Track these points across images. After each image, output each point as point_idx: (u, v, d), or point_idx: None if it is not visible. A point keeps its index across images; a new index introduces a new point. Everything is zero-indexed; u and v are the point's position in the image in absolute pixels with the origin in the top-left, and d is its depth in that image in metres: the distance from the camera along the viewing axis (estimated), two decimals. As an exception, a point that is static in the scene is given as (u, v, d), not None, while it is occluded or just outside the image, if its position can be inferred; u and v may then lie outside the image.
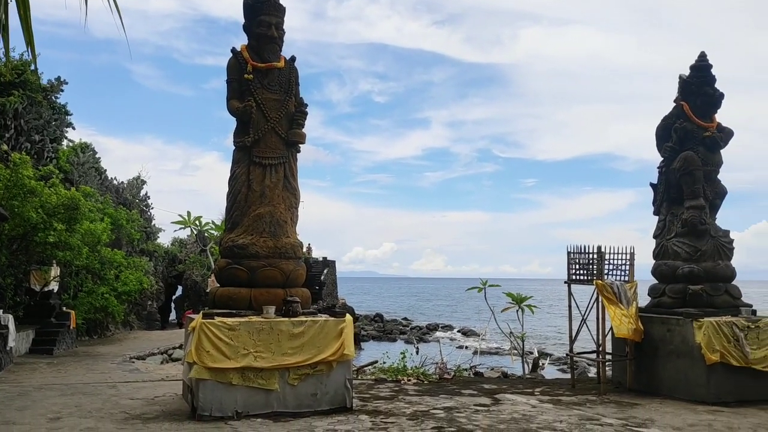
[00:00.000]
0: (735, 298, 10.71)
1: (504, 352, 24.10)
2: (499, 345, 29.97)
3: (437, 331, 49.56)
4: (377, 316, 59.04)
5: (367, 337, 44.29)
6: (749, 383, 9.78)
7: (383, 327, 51.36)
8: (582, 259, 11.18)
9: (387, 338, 44.48)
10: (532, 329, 43.11)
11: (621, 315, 10.32)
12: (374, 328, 50.50)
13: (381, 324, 53.70)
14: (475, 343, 26.10)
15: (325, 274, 48.01)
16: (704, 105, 10.99)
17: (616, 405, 9.53)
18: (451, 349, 27.82)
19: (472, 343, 27.72)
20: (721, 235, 10.92)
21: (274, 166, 9.38)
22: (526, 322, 15.16)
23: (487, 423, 8.08)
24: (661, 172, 11.41)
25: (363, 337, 42.16)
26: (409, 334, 44.88)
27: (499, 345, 30.13)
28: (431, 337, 43.00)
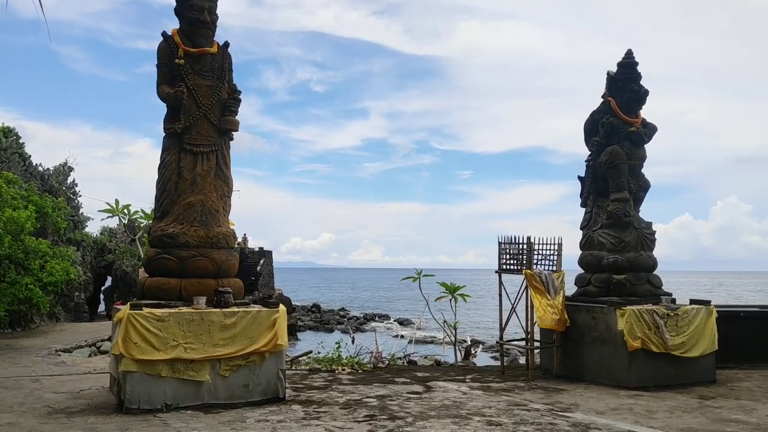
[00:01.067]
0: (656, 287, 11.20)
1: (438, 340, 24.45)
2: (434, 334, 30.40)
3: (374, 321, 49.86)
4: (314, 307, 58.90)
5: (304, 327, 44.17)
6: (668, 368, 10.26)
7: (320, 317, 51.31)
8: (512, 249, 11.45)
9: (324, 329, 44.47)
10: (467, 318, 43.95)
11: (546, 305, 10.64)
12: (311, 318, 50.39)
13: (318, 314, 53.63)
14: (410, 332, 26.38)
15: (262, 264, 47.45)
16: (630, 101, 11.40)
17: (544, 390, 9.83)
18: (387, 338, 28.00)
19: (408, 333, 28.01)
20: (644, 227, 11.38)
21: (206, 153, 9.20)
22: (462, 311, 15.45)
23: (418, 410, 8.21)
24: (588, 165, 11.79)
25: (299, 328, 42.02)
26: (346, 324, 44.99)
27: (433, 334, 30.55)
28: (368, 327, 43.25)
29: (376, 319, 52.72)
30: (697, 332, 10.50)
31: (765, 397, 9.42)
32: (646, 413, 8.30)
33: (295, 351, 19.20)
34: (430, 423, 7.50)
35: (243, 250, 48.61)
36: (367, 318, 52.77)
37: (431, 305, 15.09)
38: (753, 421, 7.92)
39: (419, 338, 26.68)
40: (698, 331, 10.52)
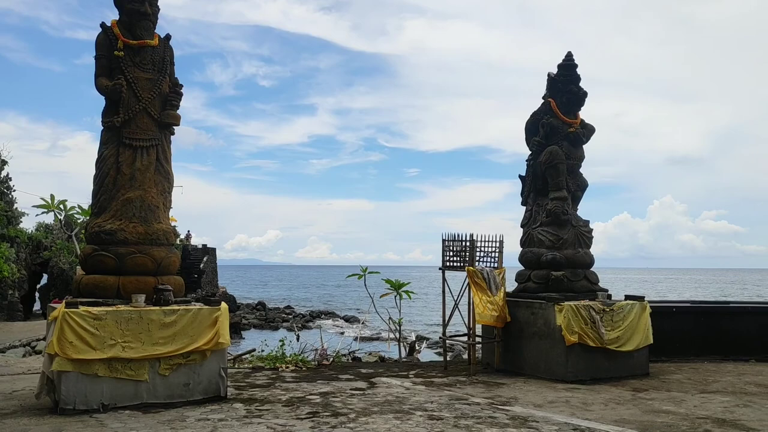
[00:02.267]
0: (593, 283, 11.55)
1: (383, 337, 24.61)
2: (379, 331, 30.55)
3: (320, 319, 49.74)
4: (259, 305, 58.35)
5: (249, 325, 43.69)
6: (603, 362, 10.60)
7: (265, 315, 50.85)
8: (456, 247, 11.63)
9: (269, 326, 44.11)
10: (413, 315, 44.34)
11: (486, 302, 10.85)
12: (256, 316, 49.89)
13: (263, 313, 53.12)
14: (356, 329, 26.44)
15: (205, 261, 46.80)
16: (569, 102, 11.71)
17: (484, 385, 10.02)
18: (333, 335, 28.02)
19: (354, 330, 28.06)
20: (581, 225, 11.72)
21: (146, 148, 9.01)
22: (408, 308, 15.57)
23: (361, 406, 8.25)
24: (529, 165, 12.06)
25: (244, 326, 41.57)
26: (292, 322, 44.73)
27: (379, 331, 30.71)
28: (314, 325, 43.08)
29: (322, 316, 52.63)
30: (632, 327, 10.88)
31: (694, 389, 9.84)
32: (582, 406, 8.56)
33: (239, 349, 19.01)
34: (372, 419, 7.56)
35: (186, 247, 47.87)
36: (313, 316, 52.60)
37: (377, 302, 15.17)
38: (682, 411, 8.26)
39: (364, 335, 26.76)
40: (632, 325, 10.89)
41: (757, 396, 9.31)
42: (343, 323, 46.13)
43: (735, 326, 13.27)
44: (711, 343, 13.01)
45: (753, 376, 11.08)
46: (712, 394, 9.42)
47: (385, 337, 19.68)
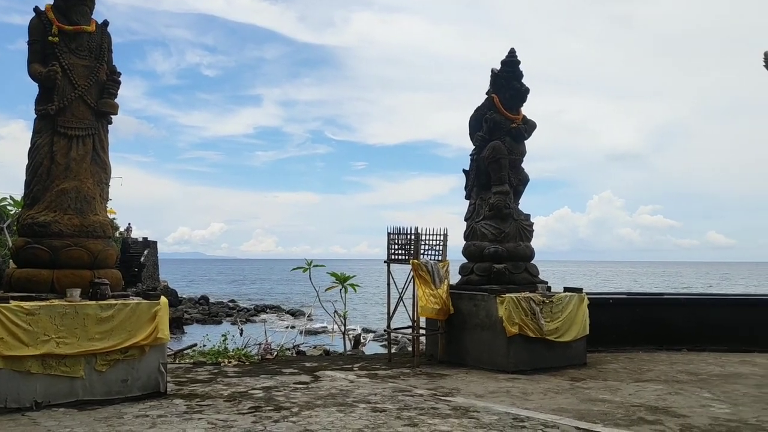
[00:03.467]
0: (533, 275, 11.80)
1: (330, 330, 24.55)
2: (325, 324, 30.48)
3: (265, 313, 49.30)
4: (202, 299, 57.45)
5: (191, 320, 42.95)
6: (543, 353, 10.85)
7: (208, 310, 50.07)
8: (401, 240, 11.70)
9: (212, 321, 43.47)
10: (359, 308, 44.42)
11: (429, 295, 10.96)
12: (198, 311, 49.10)
13: (206, 307, 52.31)
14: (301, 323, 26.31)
15: (146, 255, 45.73)
16: (512, 98, 11.90)
17: (428, 376, 10.13)
18: (278, 329, 27.83)
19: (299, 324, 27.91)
20: (523, 219, 11.95)
21: (82, 137, 8.72)
22: (354, 302, 15.56)
23: (305, 400, 8.22)
24: (472, 159, 12.22)
25: (186, 321, 40.85)
26: (236, 316, 44.16)
27: (325, 324, 30.63)
28: (258, 319, 42.67)
29: (267, 310, 52.16)
30: (570, 318, 11.17)
31: (629, 378, 10.18)
32: (522, 395, 8.75)
33: (181, 344, 18.64)
34: (315, 412, 7.54)
35: (126, 240, 46.67)
36: (257, 310, 52.09)
37: (322, 296, 15.12)
38: (617, 400, 8.54)
39: (310, 329, 26.64)
40: (571, 317, 11.18)
41: (687, 384, 9.71)
42: (289, 317, 45.86)
43: (668, 317, 13.77)
44: (646, 333, 13.48)
45: (684, 365, 11.54)
46: (646, 383, 9.77)
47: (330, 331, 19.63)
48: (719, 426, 7.17)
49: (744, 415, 7.66)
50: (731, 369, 11.05)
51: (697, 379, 10.08)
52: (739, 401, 8.47)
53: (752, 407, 8.12)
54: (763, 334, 12.94)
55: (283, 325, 33.87)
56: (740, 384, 9.69)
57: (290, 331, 21.49)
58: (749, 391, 9.13)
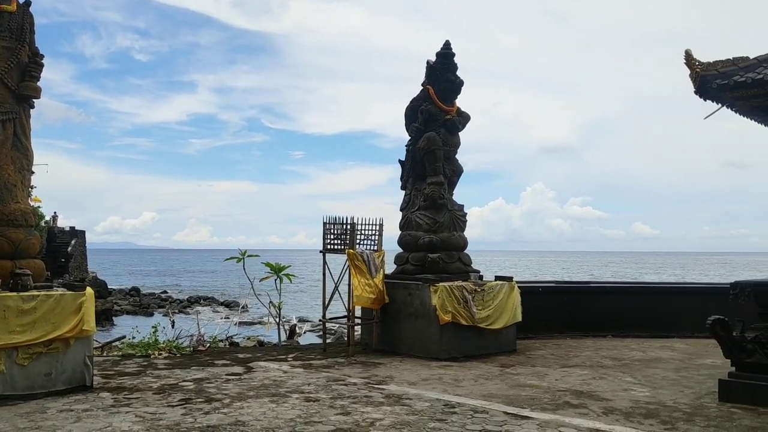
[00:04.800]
0: (466, 265, 12.01)
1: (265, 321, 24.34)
2: (260, 315, 30.19)
3: (198, 305, 48.39)
4: (133, 290, 55.95)
5: (121, 312, 41.78)
6: (474, 340, 11.08)
7: (139, 301, 48.79)
8: (336, 230, 11.69)
9: (143, 313, 42.42)
10: (296, 298, 44.18)
11: (364, 284, 11.02)
12: (129, 302, 47.80)
13: (137, 298, 50.96)
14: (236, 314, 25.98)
15: (73, 245, 44.13)
16: (447, 90, 12.03)
17: (362, 365, 10.19)
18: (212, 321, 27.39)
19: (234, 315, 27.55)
20: (456, 209, 12.14)
21: (2, 122, 8.32)
22: (291, 292, 15.43)
23: (237, 391, 8.14)
24: (408, 150, 12.31)
25: (116, 312, 39.74)
26: (168, 308, 43.19)
27: (260, 315, 30.34)
28: (192, 311, 41.85)
29: (201, 302, 51.21)
30: (501, 306, 11.44)
31: (556, 364, 10.52)
32: (454, 382, 8.92)
33: (110, 337, 18.12)
34: (247, 403, 7.48)
35: (51, 229, 44.91)
36: (191, 301, 51.09)
37: (258, 286, 14.96)
38: (544, 385, 8.82)
39: (244, 320, 26.36)
40: (502, 305, 11.46)
41: (611, 369, 10.11)
42: (223, 308, 45.18)
43: (595, 305, 14.29)
44: (573, 320, 13.95)
45: (609, 350, 12.00)
46: (572, 368, 10.12)
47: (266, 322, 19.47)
48: (639, 408, 7.50)
49: (662, 398, 8.04)
50: (652, 354, 11.56)
51: (621, 364, 10.50)
52: (658, 384, 8.89)
53: (670, 390, 8.53)
54: (683, 320, 13.58)
55: (218, 317, 33.35)
56: (660, 368, 10.16)
57: (224, 322, 21.21)
58: (668, 375, 9.59)
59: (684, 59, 8.28)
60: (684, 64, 8.29)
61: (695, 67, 8.17)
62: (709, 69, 8.12)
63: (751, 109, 8.65)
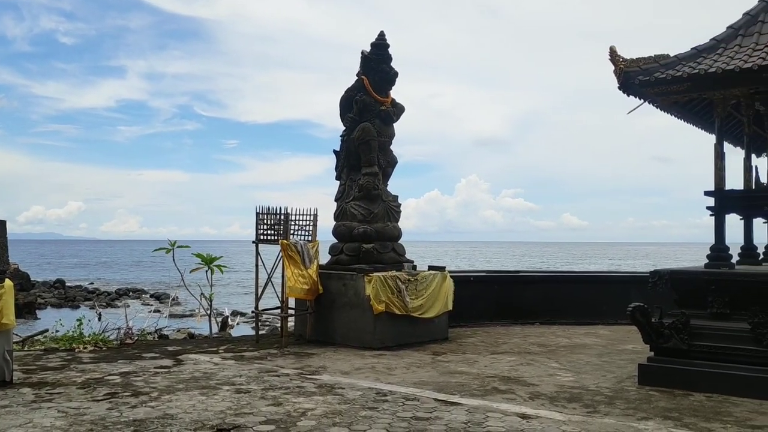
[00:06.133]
0: (400, 255, 12.12)
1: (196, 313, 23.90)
2: (192, 307, 29.61)
3: (127, 297, 47.00)
4: (58, 282, 53.82)
5: (45, 305, 40.16)
6: (407, 329, 11.22)
7: (65, 294, 46.99)
8: (270, 220, 11.58)
9: (69, 305, 40.86)
10: (230, 289, 43.49)
11: (298, 275, 10.98)
12: (54, 295, 45.94)
13: (62, 291, 49.05)
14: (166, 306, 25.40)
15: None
16: (381, 81, 12.06)
17: (295, 356, 10.16)
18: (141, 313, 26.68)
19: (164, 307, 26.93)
20: (391, 200, 12.22)
21: None
22: (225, 283, 15.14)
23: (165, 384, 7.98)
24: (343, 140, 12.30)
25: (40, 305, 38.16)
26: (95, 300, 41.74)
27: (191, 308, 29.75)
28: (120, 303, 40.60)
29: (129, 294, 49.72)
30: (434, 295, 11.61)
31: (486, 351, 10.78)
32: (386, 371, 9.01)
33: (32, 330, 17.43)
34: (176, 396, 7.35)
35: (-32, 219, 42.57)
36: (119, 293, 49.52)
37: (189, 278, 14.66)
38: (474, 371, 9.02)
39: (175, 312, 25.83)
40: (434, 294, 11.63)
41: (538, 355, 10.43)
42: (153, 300, 44.03)
43: (524, 293, 14.70)
44: (503, 308, 14.31)
45: (536, 337, 12.38)
46: (501, 355, 10.39)
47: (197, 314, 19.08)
48: (564, 393, 7.78)
49: (585, 382, 8.36)
50: (577, 340, 11.99)
51: (547, 351, 10.85)
52: (582, 370, 9.24)
53: (593, 375, 8.88)
54: (606, 307, 14.12)
55: (147, 310, 32.50)
56: (584, 354, 10.55)
57: (154, 315, 20.71)
58: (591, 360, 9.97)
59: (609, 55, 8.58)
60: (609, 60, 8.58)
61: (619, 63, 8.48)
62: (632, 66, 8.45)
63: (670, 104, 9.06)
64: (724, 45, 8.57)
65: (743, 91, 8.43)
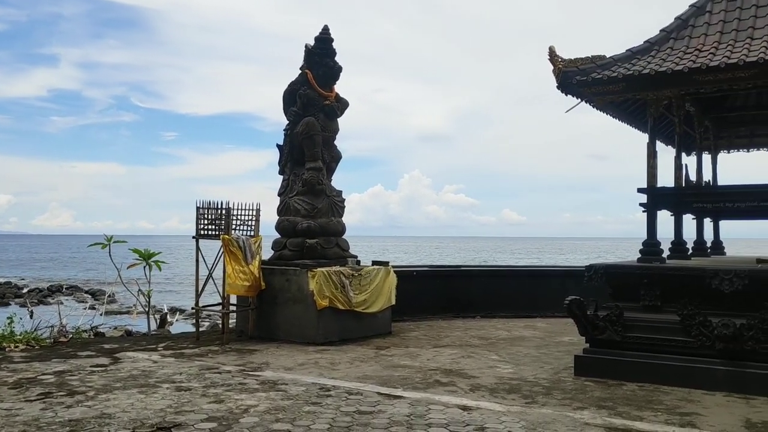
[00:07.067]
0: (344, 250, 12.13)
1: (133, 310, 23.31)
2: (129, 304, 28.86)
3: (61, 293, 45.44)
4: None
5: (-29, 303, 38.41)
6: (351, 324, 11.25)
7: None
8: (211, 215, 11.39)
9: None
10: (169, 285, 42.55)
11: (239, 272, 10.85)
12: (-19, 292, 43.97)
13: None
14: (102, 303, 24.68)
15: None
16: (325, 75, 12.02)
17: (237, 353, 10.04)
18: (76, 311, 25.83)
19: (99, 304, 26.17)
20: (335, 195, 12.21)
21: None
22: (164, 279, 14.78)
23: (102, 383, 7.77)
24: (286, 134, 12.20)
25: (-35, 304, 36.48)
26: (26, 297, 40.17)
27: (128, 305, 28.99)
28: (53, 300, 39.21)
29: (63, 291, 48.06)
30: (377, 290, 11.67)
31: (429, 344, 10.91)
32: (330, 366, 9.02)
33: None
34: (114, 395, 7.17)
35: None
36: (52, 290, 47.79)
37: (126, 274, 14.27)
38: (417, 365, 9.13)
39: (111, 309, 25.14)
40: (378, 289, 11.69)
41: (478, 348, 10.63)
42: (89, 297, 42.70)
43: (465, 287, 14.94)
44: (446, 302, 14.51)
45: (477, 330, 12.60)
46: (443, 348, 10.54)
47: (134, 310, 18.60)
48: (503, 384, 7.96)
49: (524, 374, 8.58)
50: (516, 333, 12.27)
51: (487, 343, 11.07)
52: (521, 361, 9.47)
53: (531, 366, 9.12)
54: (544, 301, 14.49)
55: (82, 307, 31.49)
56: (523, 346, 10.81)
57: (89, 312, 20.09)
58: (530, 352, 10.23)
59: (548, 55, 8.79)
60: (548, 60, 8.80)
61: (558, 63, 8.70)
62: (570, 66, 8.68)
63: (606, 104, 9.36)
64: (657, 47, 8.91)
65: (674, 92, 8.78)
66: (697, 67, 7.91)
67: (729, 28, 8.66)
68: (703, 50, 8.37)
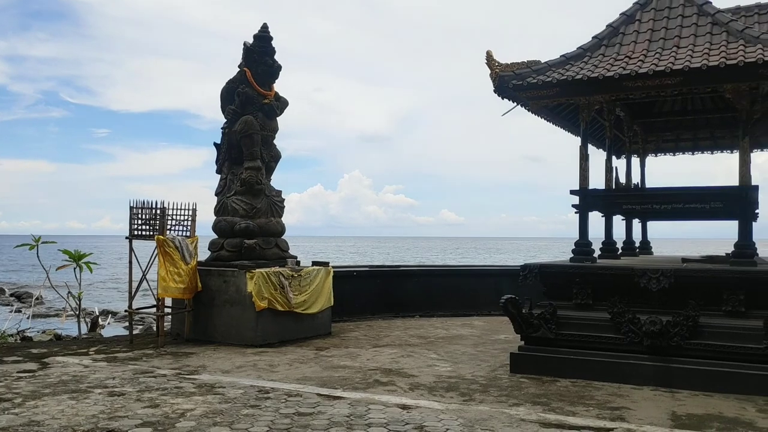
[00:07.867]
0: (283, 250, 12.03)
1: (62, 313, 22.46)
2: (59, 307, 27.80)
3: (-17, 296, 43.30)
4: None
5: None
6: (291, 325, 11.17)
7: None
8: (145, 214, 11.11)
9: None
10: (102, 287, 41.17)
11: (173, 273, 10.61)
12: None
13: None
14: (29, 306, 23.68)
15: None
16: (264, 74, 11.90)
17: (173, 356, 9.82)
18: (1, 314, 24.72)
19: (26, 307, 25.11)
20: (274, 195, 12.09)
21: None
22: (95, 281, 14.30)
23: (30, 389, 7.47)
24: (224, 133, 12.01)
25: None
26: (-55, 300, 38.11)
27: (57, 308, 27.93)
28: (-25, 303, 37.35)
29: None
30: (317, 291, 11.63)
31: (368, 344, 10.95)
32: (269, 368, 8.93)
33: None
34: (43, 401, 6.90)
35: None
36: (-26, 293, 45.55)
37: (55, 276, 13.74)
38: (357, 365, 9.15)
39: (39, 312, 24.18)
40: (318, 289, 11.65)
41: (418, 347, 10.74)
42: (14, 300, 40.88)
43: (405, 287, 15.06)
44: (385, 302, 14.59)
45: (416, 329, 12.73)
46: (383, 348, 10.60)
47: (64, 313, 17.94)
48: (441, 382, 8.07)
49: (462, 372, 8.72)
50: (454, 331, 12.46)
51: (426, 342, 11.20)
52: (459, 360, 9.62)
53: (469, 364, 9.28)
54: (481, 299, 14.77)
55: (7, 310, 30.13)
56: (461, 344, 10.98)
57: (15, 315, 19.26)
58: (468, 350, 10.40)
59: (485, 59, 8.97)
60: (485, 63, 8.97)
61: (495, 68, 8.89)
62: (507, 70, 8.89)
63: (541, 108, 9.61)
64: (590, 54, 9.22)
65: (606, 98, 9.10)
66: (627, 73, 8.22)
67: (657, 37, 9.04)
68: (632, 57, 8.71)
